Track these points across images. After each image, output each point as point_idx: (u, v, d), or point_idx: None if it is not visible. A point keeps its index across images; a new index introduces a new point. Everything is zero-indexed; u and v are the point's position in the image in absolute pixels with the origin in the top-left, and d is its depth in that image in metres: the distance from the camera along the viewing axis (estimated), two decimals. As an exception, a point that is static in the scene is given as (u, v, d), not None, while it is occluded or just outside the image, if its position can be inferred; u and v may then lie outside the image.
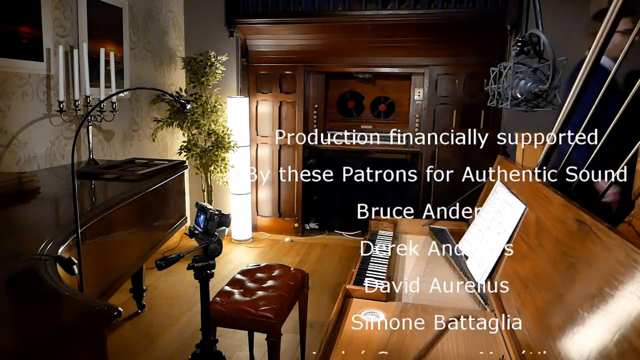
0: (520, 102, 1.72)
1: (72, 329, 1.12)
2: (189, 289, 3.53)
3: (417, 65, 4.53)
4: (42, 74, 2.96)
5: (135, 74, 3.97)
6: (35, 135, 2.93)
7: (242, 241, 4.76)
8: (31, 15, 2.85)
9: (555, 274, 1.18)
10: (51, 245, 1.53)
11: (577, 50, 2.09)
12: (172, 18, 4.58)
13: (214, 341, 1.92)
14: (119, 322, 1.24)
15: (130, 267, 2.31)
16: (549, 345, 1.05)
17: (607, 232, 1.01)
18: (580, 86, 1.62)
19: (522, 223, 1.54)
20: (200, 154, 4.30)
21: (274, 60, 4.80)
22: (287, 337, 2.73)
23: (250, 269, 2.51)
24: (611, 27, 1.46)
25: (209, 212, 1.69)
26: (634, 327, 0.82)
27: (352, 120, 5.05)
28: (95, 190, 2.51)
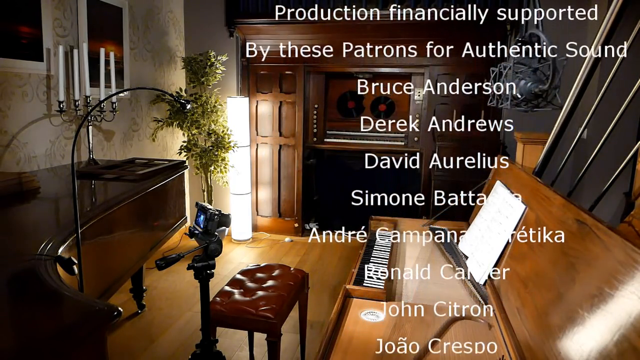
0: (520, 102, 1.72)
1: (72, 329, 1.11)
2: (189, 289, 3.53)
3: (417, 65, 4.53)
4: (42, 74, 2.96)
5: (135, 74, 3.97)
6: (35, 135, 2.93)
7: (242, 241, 4.76)
8: (31, 15, 2.85)
9: (555, 274, 1.18)
10: (51, 245, 1.53)
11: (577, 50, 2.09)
12: (172, 18, 4.58)
13: (214, 341, 1.92)
14: (119, 322, 1.24)
15: (130, 267, 2.31)
16: (549, 345, 1.05)
17: (607, 232, 1.01)
18: (580, 86, 1.62)
19: (522, 223, 1.54)
20: (200, 154, 4.30)
21: (274, 60, 4.80)
22: (287, 337, 2.73)
23: (250, 269, 2.51)
24: (611, 27, 1.46)
25: (209, 212, 1.69)
26: (634, 327, 0.82)
27: (352, 120, 5.05)
28: (95, 190, 2.51)
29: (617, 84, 1.72)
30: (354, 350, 1.24)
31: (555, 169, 2.05)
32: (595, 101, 1.79)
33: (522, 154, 2.31)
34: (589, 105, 1.87)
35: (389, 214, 2.45)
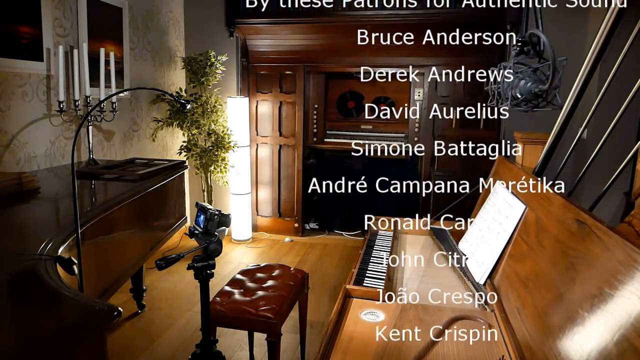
0: (520, 102, 1.72)
1: (72, 329, 1.11)
2: (189, 289, 3.53)
3: (417, 65, 4.53)
4: (42, 74, 2.96)
5: (135, 74, 3.97)
6: (35, 135, 2.93)
7: (242, 241, 4.76)
8: (31, 15, 2.85)
9: (555, 274, 1.18)
10: (51, 245, 1.53)
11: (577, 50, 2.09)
12: (172, 18, 4.58)
13: (214, 341, 1.92)
14: (119, 322, 1.24)
15: (130, 267, 2.31)
16: (549, 345, 1.05)
17: (607, 232, 1.01)
18: (580, 86, 1.62)
19: (522, 223, 1.54)
20: (200, 154, 4.30)
21: (274, 60, 4.80)
22: (287, 337, 2.73)
23: (250, 269, 2.51)
24: (611, 28, 1.46)
25: (209, 212, 1.69)
26: (634, 327, 0.82)
27: (352, 120, 5.05)
28: (95, 190, 2.51)
29: (617, 84, 1.72)
30: (354, 350, 1.24)
31: (555, 169, 2.05)
32: (595, 101, 1.79)
33: (522, 154, 2.30)
34: (589, 105, 1.87)
35: (389, 214, 2.45)
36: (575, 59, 1.94)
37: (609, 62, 1.74)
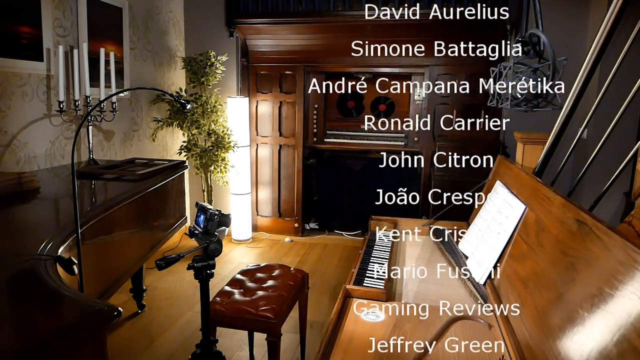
0: (520, 102, 1.72)
1: (72, 329, 1.11)
2: (189, 289, 3.53)
3: (417, 65, 4.53)
4: (42, 74, 2.96)
5: (135, 74, 3.97)
6: (35, 135, 2.93)
7: (242, 241, 4.76)
8: (31, 15, 2.85)
9: (555, 274, 1.18)
10: (51, 245, 1.53)
11: (577, 50, 2.09)
12: (172, 18, 4.58)
13: (214, 341, 1.92)
14: (119, 322, 1.24)
15: (130, 267, 2.31)
16: (549, 345, 1.05)
17: (607, 232, 1.01)
18: (580, 86, 1.62)
19: (522, 223, 1.54)
20: (200, 154, 4.30)
21: (274, 60, 4.80)
22: (287, 337, 2.73)
23: (250, 269, 2.51)
24: (611, 27, 1.46)
25: (209, 212, 1.69)
26: (634, 327, 0.82)
27: (352, 120, 5.05)
28: (95, 190, 2.51)
29: (617, 84, 1.72)
30: (354, 350, 1.24)
31: (555, 169, 2.05)
32: (595, 101, 1.79)
33: (522, 154, 2.30)
34: (589, 105, 1.87)
35: (389, 214, 2.45)
36: (575, 59, 1.94)
37: (609, 62, 1.74)
